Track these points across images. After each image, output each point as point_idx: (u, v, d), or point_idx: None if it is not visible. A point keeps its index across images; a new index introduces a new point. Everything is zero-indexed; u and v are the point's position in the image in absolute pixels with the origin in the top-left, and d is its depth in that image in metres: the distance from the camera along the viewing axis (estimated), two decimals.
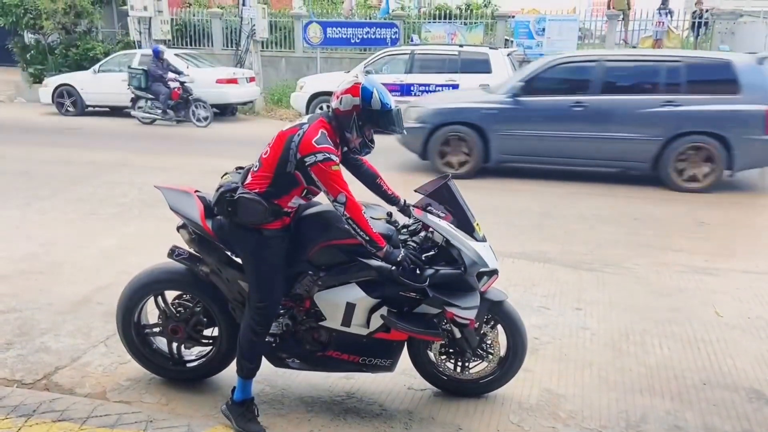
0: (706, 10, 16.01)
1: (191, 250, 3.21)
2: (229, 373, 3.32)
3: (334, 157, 2.77)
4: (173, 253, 3.23)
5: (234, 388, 3.07)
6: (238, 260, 3.11)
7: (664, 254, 5.71)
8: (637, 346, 4.02)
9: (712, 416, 3.28)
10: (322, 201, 3.13)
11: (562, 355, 3.89)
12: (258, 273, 2.93)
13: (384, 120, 2.88)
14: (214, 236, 3.06)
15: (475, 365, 3.34)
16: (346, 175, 2.95)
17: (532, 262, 5.46)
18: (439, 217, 3.05)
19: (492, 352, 3.29)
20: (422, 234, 3.07)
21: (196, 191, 3.21)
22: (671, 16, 16.33)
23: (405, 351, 3.27)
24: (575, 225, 6.57)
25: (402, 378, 3.51)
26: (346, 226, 2.84)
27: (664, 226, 6.59)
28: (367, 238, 2.82)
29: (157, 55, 12.92)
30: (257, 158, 2.97)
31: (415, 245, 2.99)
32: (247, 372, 3.02)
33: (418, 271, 2.90)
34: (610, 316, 4.45)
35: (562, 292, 4.82)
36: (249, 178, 2.94)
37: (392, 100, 2.91)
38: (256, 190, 2.87)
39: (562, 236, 6.19)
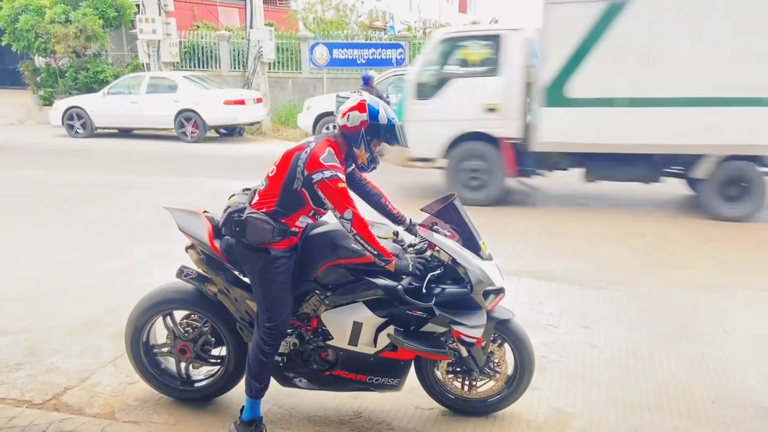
0: None
1: (199, 270, 3.24)
2: (238, 393, 3.34)
3: (340, 175, 2.83)
4: (182, 273, 3.26)
5: (242, 407, 3.08)
6: (246, 280, 3.14)
7: (672, 271, 5.70)
8: (645, 364, 4.01)
9: None
10: (329, 221, 3.18)
11: (570, 373, 3.88)
12: (266, 293, 2.96)
13: (389, 134, 2.96)
14: (222, 256, 3.10)
15: (483, 384, 3.34)
16: (352, 195, 2.99)
17: (539, 280, 5.46)
18: (444, 235, 3.08)
19: (499, 370, 3.29)
20: (428, 253, 3.09)
21: (205, 212, 3.25)
22: None
23: (412, 370, 3.28)
24: (581, 243, 6.57)
25: (409, 397, 3.51)
26: (353, 242, 2.88)
27: (671, 243, 6.58)
28: (375, 252, 2.86)
29: (367, 82, 11.48)
30: (263, 177, 3.02)
31: (422, 264, 3.01)
32: (256, 392, 3.04)
33: (424, 290, 2.92)
34: (617, 333, 4.44)
35: (569, 310, 4.82)
36: (256, 198, 2.98)
37: (395, 116, 2.98)
38: (264, 210, 2.91)
39: (569, 254, 6.19)
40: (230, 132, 15.17)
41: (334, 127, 3.07)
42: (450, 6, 37.31)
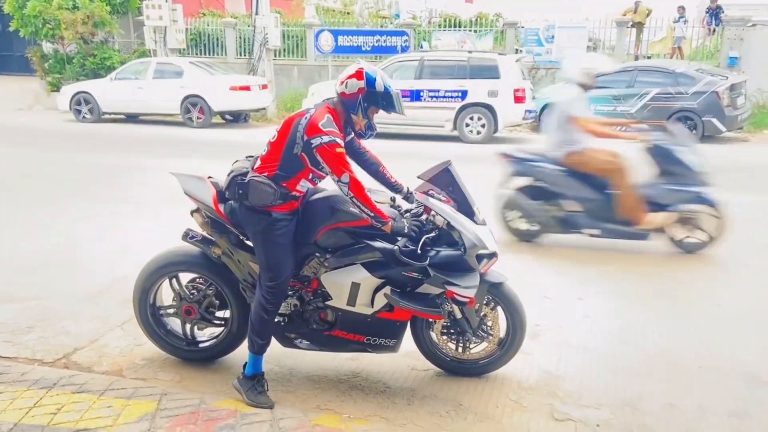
0: (718, 6, 16.15)
1: (204, 233, 3.37)
2: (240, 354, 3.49)
3: (338, 140, 2.94)
4: (187, 235, 3.40)
5: (245, 363, 3.21)
6: (249, 243, 3.26)
7: (669, 251, 5.79)
8: (636, 334, 4.12)
9: (707, 397, 3.37)
10: (328, 188, 3.29)
11: (563, 341, 4.00)
12: (268, 253, 3.08)
13: (386, 101, 3.07)
14: (226, 219, 3.23)
15: (476, 346, 3.46)
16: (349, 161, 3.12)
17: (537, 256, 5.57)
18: (440, 200, 3.19)
19: (492, 333, 3.42)
20: (424, 217, 3.21)
21: (209, 177, 3.39)
22: (686, 24, 16.47)
23: (408, 334, 3.40)
24: None
25: (405, 359, 3.64)
26: (351, 205, 3.01)
27: None
28: (372, 214, 2.98)
29: None
30: (265, 143, 3.15)
31: (417, 226, 3.13)
32: (258, 348, 3.16)
33: (419, 251, 3.04)
34: (611, 306, 4.56)
35: (565, 284, 4.93)
36: (258, 163, 3.11)
37: (392, 84, 3.09)
38: (266, 174, 3.03)
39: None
40: (236, 118, 15.29)
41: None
42: None
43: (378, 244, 3.11)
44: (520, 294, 3.47)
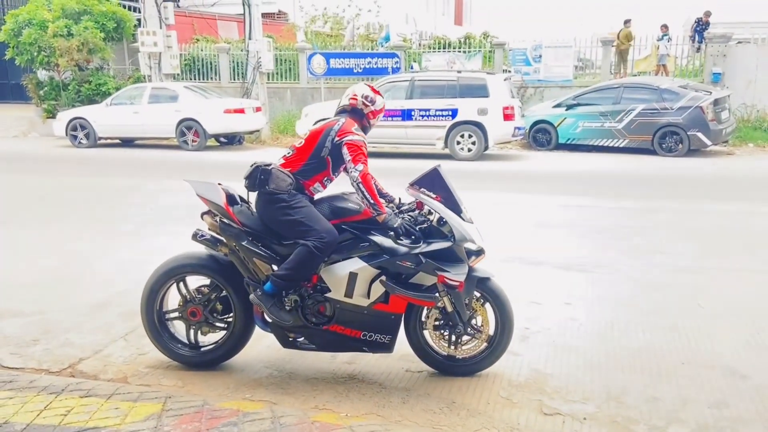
0: (707, 22, 16.52)
1: (213, 233, 3.56)
2: (242, 361, 3.66)
3: (365, 142, 3.44)
4: (196, 235, 3.61)
5: (263, 282, 3.44)
6: (256, 245, 3.46)
7: (654, 257, 5.98)
8: (621, 333, 4.28)
9: (688, 389, 3.53)
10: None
11: (551, 342, 4.15)
12: (302, 217, 3.35)
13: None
14: (236, 220, 3.46)
15: (467, 342, 3.62)
16: (344, 177, 3.51)
17: (526, 264, 5.74)
18: (430, 197, 3.43)
19: (482, 330, 3.59)
20: (416, 212, 3.51)
21: (219, 183, 3.65)
22: (670, 42, 16.80)
23: (403, 337, 3.57)
24: (569, 233, 6.85)
25: (400, 362, 3.79)
26: (349, 202, 3.39)
27: (654, 232, 6.86)
28: (371, 201, 3.32)
29: None
30: (289, 147, 3.56)
31: (411, 218, 3.43)
32: (281, 287, 3.38)
33: (412, 237, 3.36)
34: (597, 309, 4.72)
35: (553, 290, 5.10)
36: (281, 161, 3.52)
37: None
38: (289, 169, 3.45)
39: (556, 242, 6.47)
40: (230, 140, 15.49)
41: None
42: (445, 18, 37.89)
43: (375, 237, 3.35)
44: (511, 299, 3.63)
